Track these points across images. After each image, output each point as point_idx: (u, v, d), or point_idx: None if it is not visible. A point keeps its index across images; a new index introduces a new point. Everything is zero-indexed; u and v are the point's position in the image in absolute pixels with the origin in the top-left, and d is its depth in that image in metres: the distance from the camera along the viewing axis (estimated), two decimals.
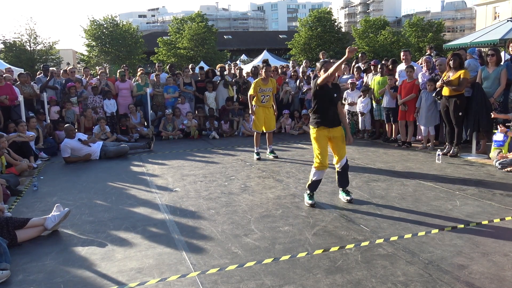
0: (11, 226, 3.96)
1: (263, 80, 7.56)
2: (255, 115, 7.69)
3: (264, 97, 7.57)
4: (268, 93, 7.58)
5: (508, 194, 5.06)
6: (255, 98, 7.60)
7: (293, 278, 3.11)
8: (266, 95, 7.58)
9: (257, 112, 7.65)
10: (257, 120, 7.69)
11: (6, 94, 8.70)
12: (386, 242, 3.72)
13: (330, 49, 37.79)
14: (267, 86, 7.56)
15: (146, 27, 74.50)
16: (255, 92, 7.55)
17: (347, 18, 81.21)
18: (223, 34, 50.52)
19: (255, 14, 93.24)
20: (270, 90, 7.61)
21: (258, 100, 7.59)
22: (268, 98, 7.62)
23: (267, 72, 7.54)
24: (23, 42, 33.66)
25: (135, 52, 35.72)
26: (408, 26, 41.48)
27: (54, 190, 6.01)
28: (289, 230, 4.07)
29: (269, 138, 7.92)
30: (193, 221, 4.47)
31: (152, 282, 3.15)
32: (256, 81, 7.64)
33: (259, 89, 7.53)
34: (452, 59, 7.15)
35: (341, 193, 5.07)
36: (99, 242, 3.96)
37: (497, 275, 3.07)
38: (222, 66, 12.87)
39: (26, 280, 3.26)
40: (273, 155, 7.83)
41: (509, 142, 6.73)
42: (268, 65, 7.68)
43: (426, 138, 8.24)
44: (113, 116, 10.79)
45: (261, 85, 7.54)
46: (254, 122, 7.81)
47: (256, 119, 7.71)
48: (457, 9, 66.88)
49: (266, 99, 7.59)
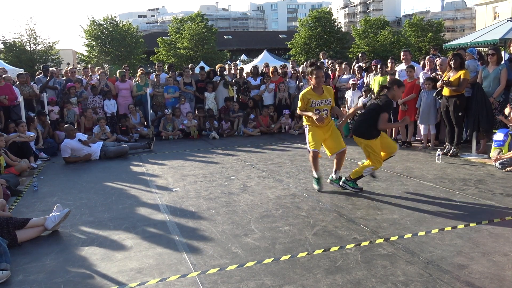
0: (11, 226, 3.96)
1: (314, 89, 5.25)
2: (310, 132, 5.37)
3: (320, 111, 5.22)
4: (324, 106, 5.25)
5: (508, 194, 5.06)
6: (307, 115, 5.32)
7: (293, 278, 3.11)
8: (324, 109, 5.25)
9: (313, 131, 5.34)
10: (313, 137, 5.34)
11: (6, 94, 8.70)
12: (386, 242, 3.72)
13: (330, 49, 37.81)
14: (322, 98, 5.24)
15: (146, 27, 74.53)
16: (305, 108, 5.30)
17: (347, 18, 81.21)
18: (223, 34, 50.54)
19: (255, 14, 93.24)
20: (328, 102, 5.28)
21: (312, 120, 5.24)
22: (327, 113, 5.31)
23: (319, 78, 5.15)
24: (23, 42, 33.67)
25: (135, 52, 35.75)
26: (408, 26, 41.51)
27: (54, 190, 6.01)
28: (289, 230, 4.07)
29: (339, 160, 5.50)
30: (193, 221, 4.47)
31: (152, 282, 3.15)
32: (303, 93, 5.30)
33: (311, 102, 5.23)
34: (452, 59, 7.15)
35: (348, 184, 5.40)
36: (99, 242, 3.96)
37: (497, 275, 3.07)
38: (222, 66, 12.87)
39: (26, 280, 3.26)
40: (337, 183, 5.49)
41: (509, 142, 6.73)
42: (319, 67, 5.23)
43: (426, 138, 8.25)
44: (113, 116, 10.80)
45: (313, 97, 5.23)
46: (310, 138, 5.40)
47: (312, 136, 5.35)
48: (457, 9, 66.86)
49: (322, 115, 5.21)
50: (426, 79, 7.90)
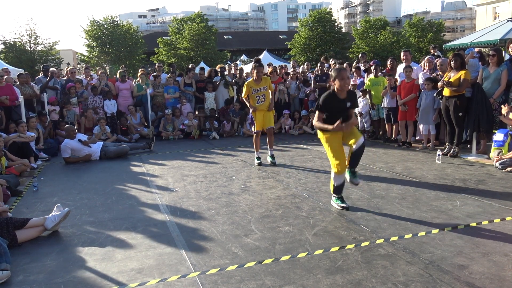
0: (11, 226, 3.96)
1: (255, 81, 7.02)
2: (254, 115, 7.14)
3: (259, 97, 7.03)
4: (262, 92, 7.02)
5: (508, 194, 5.06)
6: (250, 100, 7.08)
7: (294, 278, 3.11)
8: (261, 95, 7.03)
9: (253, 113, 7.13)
10: (256, 120, 7.15)
11: (7, 94, 8.71)
12: (386, 242, 3.72)
13: (330, 49, 37.82)
14: (260, 86, 7.00)
15: (146, 28, 74.52)
16: (248, 93, 7.03)
17: (347, 18, 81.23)
18: (223, 35, 50.52)
19: (255, 15, 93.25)
20: (264, 89, 7.04)
21: (253, 102, 7.06)
22: (264, 97, 7.06)
23: (259, 73, 6.96)
24: (23, 42, 33.66)
25: (135, 53, 35.74)
26: (408, 26, 41.47)
27: (55, 190, 6.01)
28: (289, 230, 4.07)
29: (270, 140, 7.28)
30: (193, 221, 4.47)
31: (152, 282, 3.15)
32: (247, 83, 7.11)
33: (251, 90, 7.00)
34: (453, 60, 7.15)
35: (348, 173, 4.61)
36: (99, 243, 3.96)
37: (498, 275, 3.07)
38: (222, 66, 12.88)
39: (26, 281, 3.26)
40: (271, 160, 7.25)
41: (509, 142, 6.73)
42: (260, 65, 7.08)
43: (426, 138, 8.25)
44: (113, 116, 10.80)
45: (253, 86, 7.00)
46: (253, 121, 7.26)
47: (255, 119, 7.16)
48: (457, 9, 66.86)
49: (261, 99, 7.04)
50: (426, 80, 7.91)
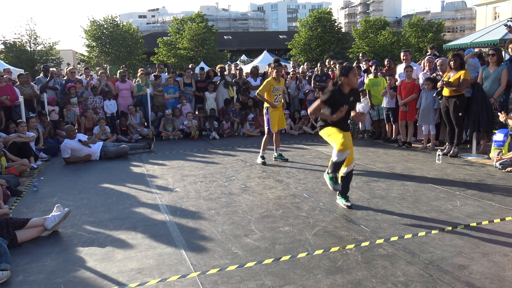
0: (11, 226, 3.96)
1: (275, 79, 7.22)
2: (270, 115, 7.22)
3: (277, 96, 7.28)
4: (280, 92, 7.34)
5: (508, 194, 5.06)
6: (269, 97, 7.19)
7: (294, 279, 3.11)
8: (279, 94, 7.32)
9: (271, 112, 7.23)
10: (272, 119, 7.24)
11: (7, 94, 8.71)
12: (386, 242, 3.72)
13: (330, 49, 37.83)
14: (280, 85, 7.29)
15: (146, 28, 74.48)
16: (269, 92, 7.15)
17: (347, 18, 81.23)
18: (223, 35, 50.52)
19: (255, 15, 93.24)
20: (283, 89, 7.46)
21: (272, 100, 7.18)
22: (280, 97, 7.38)
23: (279, 72, 7.25)
24: (23, 42, 33.69)
25: (135, 53, 35.76)
26: (408, 27, 41.45)
27: (54, 190, 6.01)
28: (289, 231, 4.07)
29: (277, 140, 7.60)
30: (193, 221, 4.47)
31: (152, 282, 3.15)
32: (268, 81, 7.19)
33: (272, 88, 7.14)
34: (453, 60, 7.15)
35: (340, 198, 4.82)
36: (99, 243, 3.96)
37: (498, 275, 3.07)
38: (222, 66, 12.88)
39: (26, 281, 3.26)
40: (282, 158, 7.57)
41: (509, 142, 6.73)
42: (279, 65, 7.40)
43: (427, 138, 8.25)
44: (113, 116, 10.80)
45: (274, 84, 7.16)
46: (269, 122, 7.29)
47: (272, 118, 7.24)
48: (457, 9, 66.84)
49: (278, 99, 7.29)
50: (426, 80, 7.91)
